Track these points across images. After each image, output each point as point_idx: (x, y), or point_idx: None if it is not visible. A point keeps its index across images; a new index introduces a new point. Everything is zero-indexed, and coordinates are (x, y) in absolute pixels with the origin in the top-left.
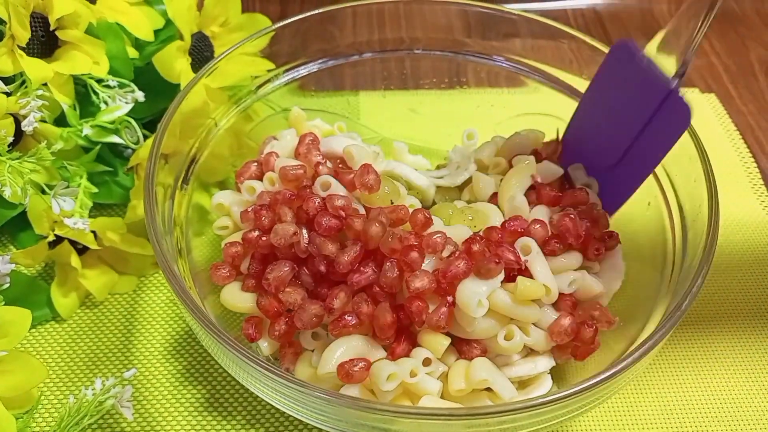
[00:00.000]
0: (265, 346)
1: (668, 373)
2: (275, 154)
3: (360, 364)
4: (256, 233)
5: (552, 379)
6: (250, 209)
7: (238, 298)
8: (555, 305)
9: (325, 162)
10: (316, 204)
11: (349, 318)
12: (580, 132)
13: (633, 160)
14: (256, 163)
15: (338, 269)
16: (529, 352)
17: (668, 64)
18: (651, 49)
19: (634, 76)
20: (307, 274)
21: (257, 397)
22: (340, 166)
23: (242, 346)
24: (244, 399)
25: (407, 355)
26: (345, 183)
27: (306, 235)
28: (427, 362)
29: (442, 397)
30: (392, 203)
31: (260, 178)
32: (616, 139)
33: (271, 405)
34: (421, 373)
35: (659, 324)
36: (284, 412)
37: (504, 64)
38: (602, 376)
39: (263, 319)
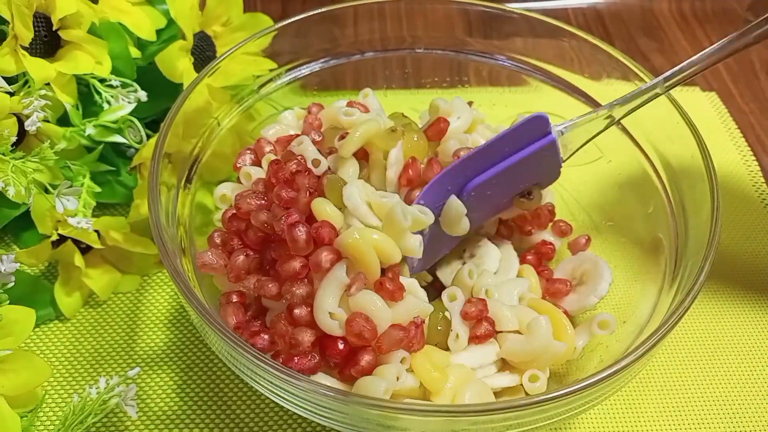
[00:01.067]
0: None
1: (671, 371)
2: (265, 140)
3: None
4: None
5: (556, 375)
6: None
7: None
8: None
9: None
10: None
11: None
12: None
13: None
14: (249, 151)
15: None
16: (503, 364)
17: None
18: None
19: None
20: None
21: (261, 393)
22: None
23: (245, 342)
24: (248, 397)
25: (375, 365)
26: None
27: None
28: (404, 360)
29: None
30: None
31: (257, 165)
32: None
33: (275, 402)
34: (403, 375)
35: (661, 321)
36: (288, 409)
37: (505, 63)
38: (605, 374)
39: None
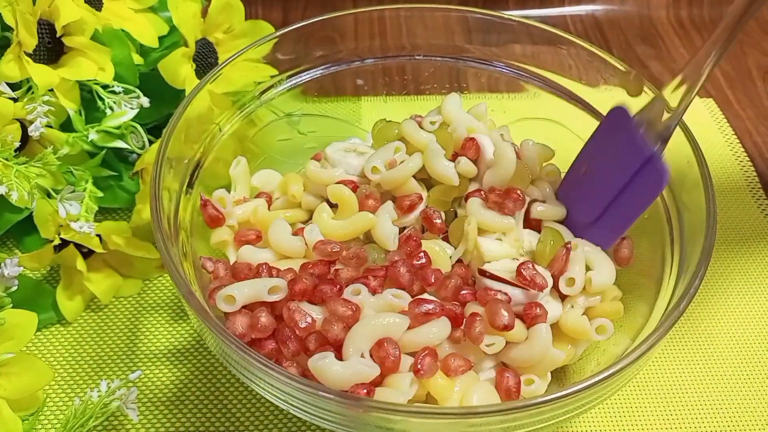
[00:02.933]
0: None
1: (667, 375)
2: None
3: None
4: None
5: (554, 378)
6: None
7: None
8: None
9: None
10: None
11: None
12: (568, 188)
13: (610, 219)
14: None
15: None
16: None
17: (655, 130)
18: (641, 114)
19: (623, 139)
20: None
21: (262, 398)
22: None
23: (247, 347)
24: (248, 401)
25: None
26: None
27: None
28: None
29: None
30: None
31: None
32: (599, 198)
33: (276, 406)
34: (415, 384)
35: (657, 325)
36: (289, 413)
37: (504, 70)
38: (601, 376)
39: None
